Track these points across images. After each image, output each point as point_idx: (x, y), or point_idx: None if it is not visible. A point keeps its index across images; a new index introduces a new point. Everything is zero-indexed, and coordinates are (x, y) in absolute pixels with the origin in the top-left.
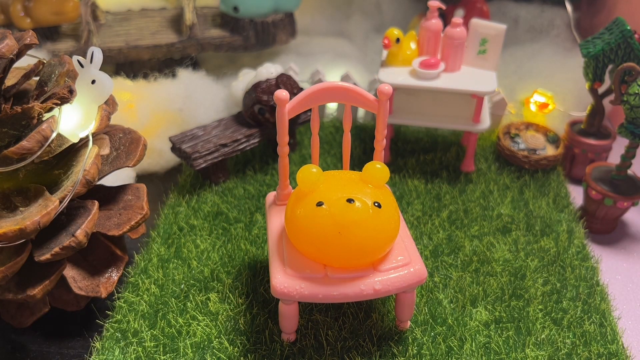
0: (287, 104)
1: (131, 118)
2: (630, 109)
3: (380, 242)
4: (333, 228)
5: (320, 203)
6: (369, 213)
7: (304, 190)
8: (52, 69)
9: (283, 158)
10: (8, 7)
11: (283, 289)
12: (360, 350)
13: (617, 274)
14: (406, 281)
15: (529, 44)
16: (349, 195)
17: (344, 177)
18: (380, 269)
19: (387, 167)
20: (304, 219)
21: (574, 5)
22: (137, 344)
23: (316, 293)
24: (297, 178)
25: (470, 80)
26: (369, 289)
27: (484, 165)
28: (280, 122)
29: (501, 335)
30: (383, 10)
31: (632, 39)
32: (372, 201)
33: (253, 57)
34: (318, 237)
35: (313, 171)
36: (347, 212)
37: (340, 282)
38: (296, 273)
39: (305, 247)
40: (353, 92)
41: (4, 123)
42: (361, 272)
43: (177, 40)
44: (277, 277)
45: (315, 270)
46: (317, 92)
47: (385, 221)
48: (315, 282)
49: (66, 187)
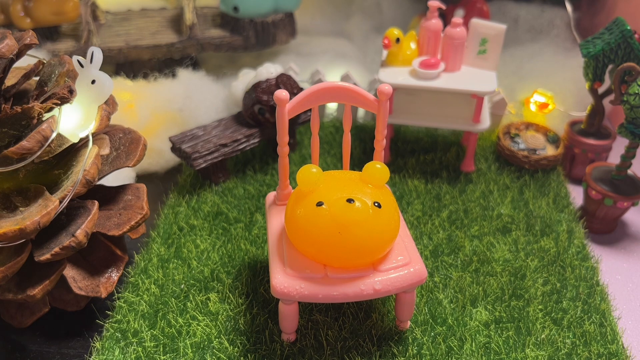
0: (287, 104)
1: (131, 118)
2: (630, 109)
3: (380, 242)
4: (333, 228)
5: (320, 203)
6: (369, 213)
7: (304, 190)
8: (52, 69)
9: (283, 158)
10: (8, 7)
11: (283, 289)
12: (360, 350)
13: (617, 274)
14: (406, 281)
15: (529, 44)
16: (349, 195)
17: (343, 177)
18: (380, 269)
19: (387, 167)
20: (304, 219)
21: (574, 5)
22: (137, 344)
23: (316, 293)
24: (297, 178)
25: (470, 80)
26: (369, 289)
27: (484, 165)
28: (280, 122)
29: (501, 335)
30: (383, 10)
31: (632, 39)
32: (372, 201)
33: (253, 57)
34: (318, 237)
35: (313, 171)
36: (347, 212)
37: (340, 282)
38: (296, 273)
39: (305, 247)
40: (353, 92)
41: (4, 123)
42: (361, 272)
43: (177, 40)
44: (277, 277)
45: (315, 270)
46: (317, 92)
47: (385, 221)
48: (315, 282)
49: (66, 187)
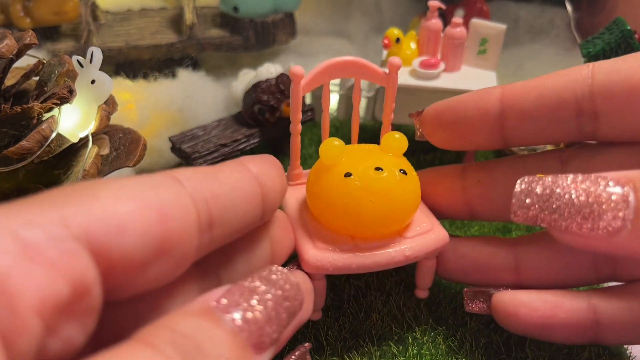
0: (302, 80)
1: (131, 118)
2: None
3: (409, 207)
4: (365, 197)
5: (349, 174)
6: (397, 180)
7: (328, 163)
8: (52, 69)
9: (295, 136)
10: (8, 7)
11: (317, 263)
12: (360, 350)
13: None
14: (432, 245)
15: (529, 44)
16: (375, 164)
17: (364, 149)
18: (407, 236)
19: (405, 136)
20: (332, 191)
21: (574, 5)
22: None
23: (349, 264)
24: (320, 152)
25: (470, 80)
26: (400, 255)
27: None
28: (294, 98)
29: (501, 335)
30: (383, 10)
31: (632, 39)
32: (397, 169)
33: (253, 57)
34: (349, 207)
35: (336, 144)
36: (377, 180)
37: (371, 250)
38: (327, 246)
39: (334, 220)
40: (364, 66)
41: (3, 123)
42: (389, 240)
43: (177, 40)
44: (308, 253)
45: (345, 242)
46: (330, 66)
47: (412, 187)
48: (346, 252)
49: None
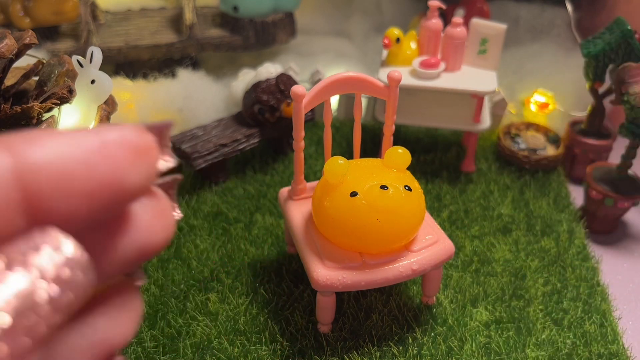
0: (304, 99)
1: (131, 118)
2: (630, 108)
3: (415, 223)
4: (371, 216)
5: (355, 193)
6: (402, 197)
7: (333, 182)
8: (52, 69)
9: (299, 152)
10: (8, 6)
11: (326, 281)
12: (360, 351)
13: (618, 274)
14: (439, 258)
15: (530, 44)
16: (380, 182)
17: (368, 165)
18: (413, 250)
19: (408, 151)
20: (339, 210)
21: (574, 5)
22: (137, 344)
23: (358, 281)
24: (324, 171)
25: (470, 80)
26: (407, 269)
27: (484, 165)
28: (297, 117)
29: (501, 336)
30: (383, 10)
31: (632, 38)
32: (402, 185)
33: (253, 57)
34: (356, 226)
35: (340, 163)
36: (382, 198)
37: (379, 267)
38: (335, 264)
39: (341, 238)
40: (365, 81)
41: (3, 123)
42: (396, 255)
43: (177, 40)
44: (317, 271)
45: (353, 259)
46: (330, 84)
47: (417, 203)
48: (355, 270)
49: None
